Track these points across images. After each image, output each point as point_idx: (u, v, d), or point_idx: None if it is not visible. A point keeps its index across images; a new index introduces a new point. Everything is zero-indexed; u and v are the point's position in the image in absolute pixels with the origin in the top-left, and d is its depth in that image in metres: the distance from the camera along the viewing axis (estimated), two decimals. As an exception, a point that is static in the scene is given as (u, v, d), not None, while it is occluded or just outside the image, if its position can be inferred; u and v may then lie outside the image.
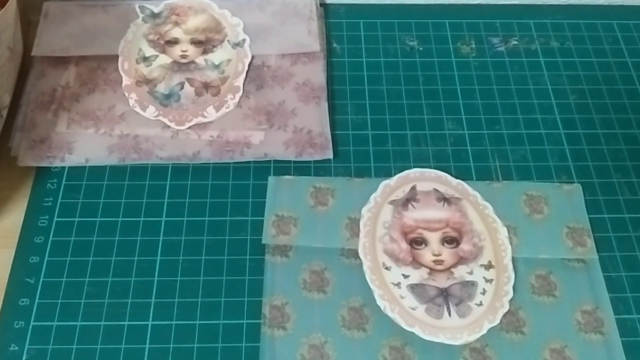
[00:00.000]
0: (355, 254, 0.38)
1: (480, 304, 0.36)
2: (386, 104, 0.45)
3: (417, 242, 0.38)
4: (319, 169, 0.42)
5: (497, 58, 0.48)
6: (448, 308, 0.36)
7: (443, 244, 0.38)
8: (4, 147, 0.41)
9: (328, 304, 0.36)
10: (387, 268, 0.37)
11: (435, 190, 0.40)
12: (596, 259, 0.38)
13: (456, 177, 0.41)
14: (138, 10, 0.48)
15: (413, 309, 0.36)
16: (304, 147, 0.42)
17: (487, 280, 0.37)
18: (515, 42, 0.49)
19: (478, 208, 0.39)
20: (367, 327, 0.36)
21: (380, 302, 0.36)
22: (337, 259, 0.38)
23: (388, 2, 0.52)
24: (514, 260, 0.38)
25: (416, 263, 0.37)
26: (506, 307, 0.36)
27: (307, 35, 0.47)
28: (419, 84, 0.47)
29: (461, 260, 0.37)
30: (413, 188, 0.40)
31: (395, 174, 0.41)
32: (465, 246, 0.38)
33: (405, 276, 0.37)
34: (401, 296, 0.36)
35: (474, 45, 0.49)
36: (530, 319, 0.36)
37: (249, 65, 0.46)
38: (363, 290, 0.36)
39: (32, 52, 0.45)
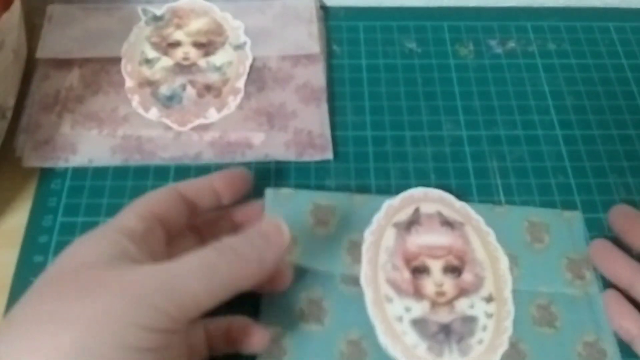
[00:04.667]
0: (355, 280, 0.36)
1: (481, 342, 0.35)
2: (385, 105, 0.46)
3: (419, 270, 0.36)
4: (319, 169, 0.42)
5: (494, 60, 0.49)
6: (449, 346, 0.35)
7: (445, 273, 0.36)
8: (9, 148, 0.42)
9: (326, 336, 0.34)
10: (389, 300, 0.35)
11: (439, 213, 0.39)
12: (597, 291, 0.37)
13: (459, 198, 0.40)
14: (141, 13, 0.49)
15: (415, 346, 0.34)
16: (304, 147, 0.42)
17: (487, 315, 0.35)
18: (513, 45, 0.50)
19: (481, 234, 0.38)
20: None
21: (382, 339, 0.34)
22: (336, 285, 0.36)
23: (387, 5, 0.52)
24: (513, 291, 0.36)
25: (418, 294, 0.36)
26: (505, 346, 0.35)
27: (308, 38, 0.48)
28: (417, 85, 0.47)
29: (462, 292, 0.36)
30: (417, 210, 0.39)
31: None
32: (467, 276, 0.37)
33: (408, 309, 0.35)
34: (403, 332, 0.35)
35: (472, 48, 0.50)
36: (531, 352, 0.35)
37: (250, 67, 0.46)
38: (362, 320, 0.35)
39: (36, 54, 0.45)
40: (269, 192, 0.38)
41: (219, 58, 0.46)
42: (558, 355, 0.35)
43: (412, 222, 0.38)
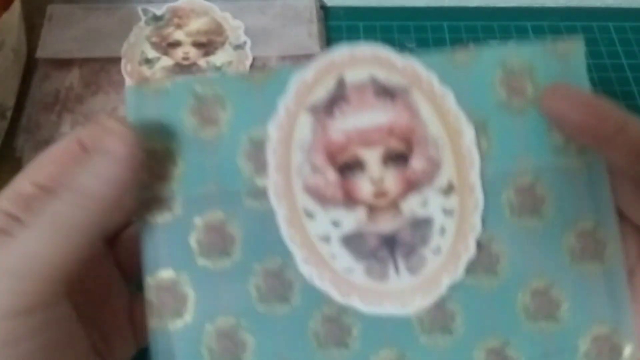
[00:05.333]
0: (264, 194, 0.26)
1: (438, 251, 0.26)
2: (385, 105, 0.46)
3: (349, 167, 0.27)
4: (319, 169, 0.42)
5: (494, 60, 0.49)
6: (395, 263, 0.26)
7: (386, 164, 0.27)
8: (9, 148, 0.42)
9: (236, 271, 0.26)
10: (310, 215, 0.26)
11: (373, 79, 0.28)
12: (600, 157, 0.27)
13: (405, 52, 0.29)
14: (141, 13, 0.49)
15: (349, 271, 0.26)
16: (304, 147, 0.42)
17: (446, 213, 0.26)
18: (513, 45, 0.50)
19: (434, 99, 0.27)
20: (292, 296, 0.26)
21: (304, 269, 0.26)
22: (240, 203, 0.26)
23: (387, 5, 0.52)
24: (483, 174, 0.27)
25: (350, 201, 0.26)
26: (472, 251, 0.26)
27: (308, 38, 0.48)
28: (417, 85, 0.47)
29: (411, 186, 0.27)
30: (340, 81, 0.27)
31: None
32: (416, 163, 0.27)
33: (336, 224, 0.26)
34: (332, 255, 0.26)
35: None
36: (507, 254, 0.26)
37: (250, 67, 0.46)
38: (281, 245, 0.26)
39: (36, 54, 0.46)
40: (131, 91, 0.26)
41: (219, 58, 0.46)
42: (543, 254, 0.27)
43: (335, 100, 0.27)
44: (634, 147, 0.24)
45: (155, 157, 0.26)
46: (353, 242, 0.26)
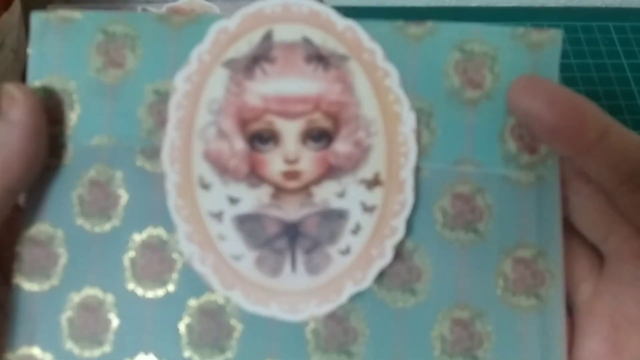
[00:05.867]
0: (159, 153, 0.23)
1: (347, 252, 0.22)
2: (385, 105, 0.46)
3: (261, 138, 0.23)
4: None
5: (494, 60, 0.49)
6: (293, 257, 0.22)
7: (305, 142, 0.23)
8: (9, 148, 0.42)
9: (113, 238, 0.23)
10: (204, 186, 0.23)
11: (306, 41, 0.24)
12: (554, 174, 0.22)
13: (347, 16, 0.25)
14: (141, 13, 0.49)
15: (237, 258, 0.22)
16: (304, 147, 0.42)
17: (365, 209, 0.22)
18: (513, 44, 0.50)
19: (374, 75, 0.23)
20: (169, 279, 0.22)
21: (186, 246, 0.22)
22: (132, 161, 0.23)
23: (387, 5, 0.52)
24: (418, 171, 0.22)
25: (255, 177, 0.23)
26: (387, 259, 0.22)
27: (307, 38, 0.48)
28: (417, 85, 0.47)
29: (330, 171, 0.23)
30: (267, 36, 0.23)
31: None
32: (341, 145, 0.23)
33: (234, 200, 0.23)
34: (221, 236, 0.22)
35: (471, 48, 0.50)
36: (429, 270, 0.22)
37: (250, 67, 0.46)
38: (168, 215, 0.23)
39: (36, 54, 0.46)
40: (37, 19, 0.23)
41: (219, 58, 0.46)
42: (472, 278, 0.22)
43: (258, 58, 0.23)
44: (614, 159, 0.20)
45: (51, 97, 0.23)
46: (248, 224, 0.22)
